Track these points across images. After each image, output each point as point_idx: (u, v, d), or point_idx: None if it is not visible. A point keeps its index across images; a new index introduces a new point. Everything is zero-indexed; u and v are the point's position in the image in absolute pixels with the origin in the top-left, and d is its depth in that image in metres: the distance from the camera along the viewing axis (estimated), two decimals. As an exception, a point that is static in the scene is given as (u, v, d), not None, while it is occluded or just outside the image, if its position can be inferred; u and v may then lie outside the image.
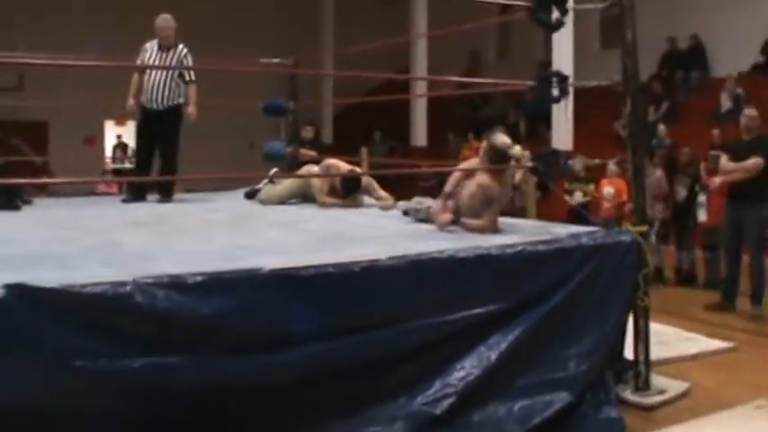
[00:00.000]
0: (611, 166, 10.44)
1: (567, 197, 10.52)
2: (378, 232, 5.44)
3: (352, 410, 3.94)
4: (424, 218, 5.77)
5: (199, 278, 3.58)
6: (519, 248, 4.55)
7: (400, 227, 5.68)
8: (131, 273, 3.54)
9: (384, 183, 7.49)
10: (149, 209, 7.08)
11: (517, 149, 5.46)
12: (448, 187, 5.56)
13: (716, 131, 12.27)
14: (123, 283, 3.43)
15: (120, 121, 20.84)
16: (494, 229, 5.28)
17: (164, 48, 7.78)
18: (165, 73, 7.71)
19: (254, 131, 19.15)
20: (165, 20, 7.82)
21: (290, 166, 8.65)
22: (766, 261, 7.94)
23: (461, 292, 4.29)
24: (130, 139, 20.41)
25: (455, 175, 5.63)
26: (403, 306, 4.10)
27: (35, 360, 3.26)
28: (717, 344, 6.52)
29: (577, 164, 10.41)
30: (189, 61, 7.85)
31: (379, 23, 20.82)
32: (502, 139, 5.44)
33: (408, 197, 6.82)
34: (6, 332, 3.20)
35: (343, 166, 7.44)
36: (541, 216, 10.06)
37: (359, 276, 3.95)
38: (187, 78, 7.84)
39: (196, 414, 3.59)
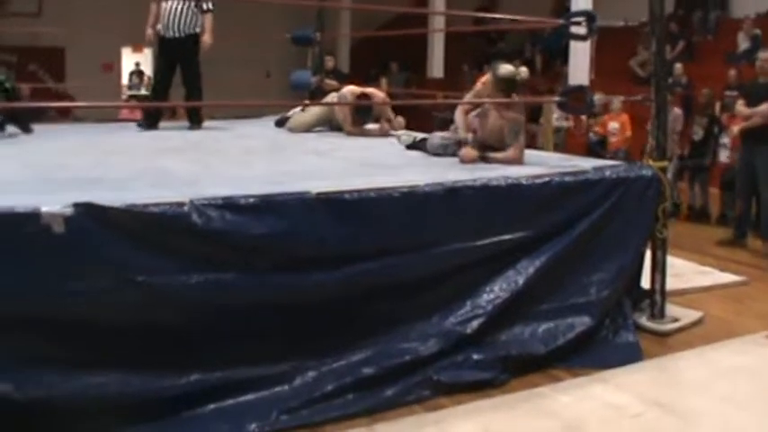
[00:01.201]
0: (616, 102, 10.56)
1: (593, 132, 10.69)
2: (408, 161, 5.66)
3: (389, 327, 4.23)
4: (453, 153, 5.82)
5: (251, 200, 3.83)
6: (547, 179, 4.79)
7: (429, 156, 5.89)
8: (185, 194, 3.79)
9: (401, 113, 7.66)
10: (183, 135, 7.28)
11: (523, 71, 5.66)
12: (463, 126, 5.78)
13: (732, 72, 12.36)
14: (181, 204, 3.68)
15: (138, 47, 20.90)
16: (521, 160, 5.48)
17: None
18: (182, 2, 7.73)
19: (270, 61, 19.30)
20: None
21: (315, 94, 8.82)
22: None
23: (492, 219, 4.55)
24: (147, 67, 20.53)
25: (465, 114, 5.85)
26: (438, 230, 4.36)
27: (100, 274, 3.53)
28: (729, 277, 6.76)
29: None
30: None
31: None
32: (506, 68, 5.63)
33: (423, 127, 7.00)
34: (74, 247, 3.46)
35: (356, 90, 7.58)
36: (558, 150, 10.29)
37: (399, 201, 4.21)
38: (204, 7, 7.85)
39: (247, 327, 3.86)
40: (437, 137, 5.99)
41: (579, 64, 13.55)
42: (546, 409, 3.98)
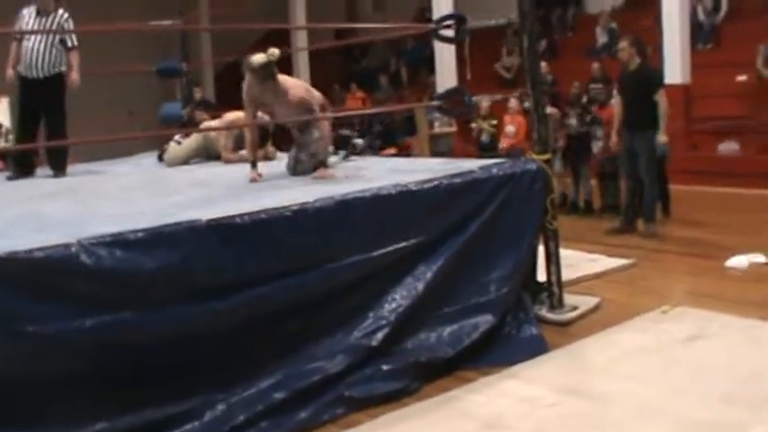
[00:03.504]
0: (512, 103, 10.64)
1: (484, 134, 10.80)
2: (291, 181, 5.58)
3: (294, 348, 4.16)
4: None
5: (140, 234, 3.70)
6: (436, 183, 4.80)
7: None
8: (69, 236, 3.63)
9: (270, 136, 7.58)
10: (56, 181, 6.99)
11: (274, 51, 5.68)
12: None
13: (595, 65, 12.69)
14: (68, 245, 3.52)
15: (-9, 98, 20.18)
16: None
17: (42, 13, 7.33)
18: (44, 39, 7.26)
19: (132, 99, 18.91)
20: None
21: (187, 126, 8.64)
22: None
23: (386, 228, 4.53)
24: (4, 118, 19.83)
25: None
26: (333, 245, 4.31)
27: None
28: (618, 262, 6.92)
29: (484, 101, 10.64)
30: (70, 25, 7.46)
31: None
32: (257, 57, 5.65)
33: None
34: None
35: (242, 116, 7.48)
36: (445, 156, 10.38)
37: (291, 220, 4.14)
38: (69, 44, 7.41)
39: (150, 366, 3.72)
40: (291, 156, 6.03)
41: (446, 70, 13.66)
42: (462, 412, 3.97)
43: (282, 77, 5.76)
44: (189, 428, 3.74)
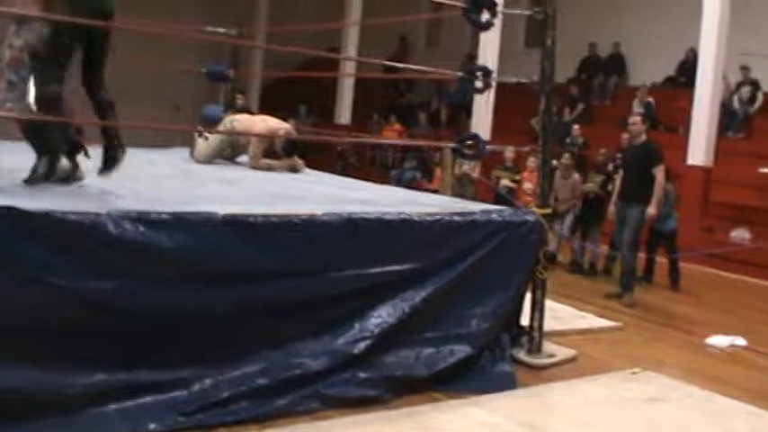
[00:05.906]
0: (530, 161, 10.95)
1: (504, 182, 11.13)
2: (310, 194, 6.01)
3: (282, 343, 4.55)
4: None
5: (164, 216, 4.11)
6: (437, 217, 5.20)
7: (330, 191, 6.26)
8: (101, 207, 4.05)
9: (307, 155, 7.97)
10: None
11: None
12: None
13: (625, 136, 13.03)
14: (98, 214, 3.94)
15: None
16: None
17: None
18: None
19: (177, 96, 19.36)
20: None
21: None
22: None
23: (384, 250, 4.93)
24: None
25: None
26: (333, 257, 4.71)
27: (16, 274, 3.75)
28: (605, 322, 7.29)
29: (508, 152, 11.00)
30: None
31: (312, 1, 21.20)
32: None
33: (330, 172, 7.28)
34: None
35: (279, 125, 7.83)
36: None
37: (298, 227, 4.54)
38: None
39: (151, 334, 4.12)
40: None
41: (481, 117, 14.10)
42: (425, 425, 4.34)
43: None
44: (177, 395, 4.14)
